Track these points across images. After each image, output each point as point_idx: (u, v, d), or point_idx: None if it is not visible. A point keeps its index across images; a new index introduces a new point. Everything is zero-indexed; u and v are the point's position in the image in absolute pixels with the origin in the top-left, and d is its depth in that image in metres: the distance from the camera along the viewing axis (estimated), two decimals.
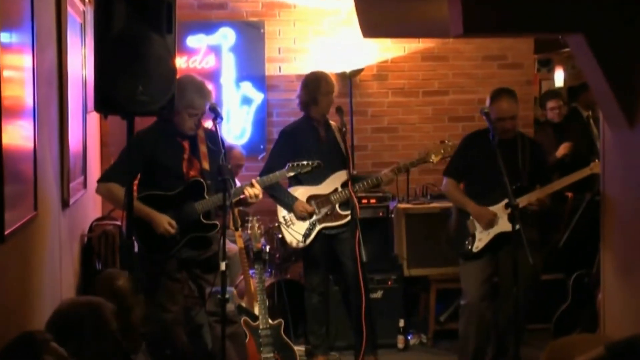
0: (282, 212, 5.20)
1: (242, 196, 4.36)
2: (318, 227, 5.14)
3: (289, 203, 5.13)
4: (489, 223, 4.69)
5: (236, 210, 4.25)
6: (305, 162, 4.68)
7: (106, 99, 3.49)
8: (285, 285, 5.51)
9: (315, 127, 5.18)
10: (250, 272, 5.12)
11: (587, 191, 5.73)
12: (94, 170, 5.89)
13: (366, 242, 4.77)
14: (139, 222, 4.15)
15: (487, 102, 4.81)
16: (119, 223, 5.31)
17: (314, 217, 5.10)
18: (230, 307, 4.30)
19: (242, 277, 5.19)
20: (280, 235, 5.50)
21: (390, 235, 5.81)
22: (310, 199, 5.16)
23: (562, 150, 6.42)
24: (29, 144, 3.54)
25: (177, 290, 4.32)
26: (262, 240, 5.34)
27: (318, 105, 5.14)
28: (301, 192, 5.18)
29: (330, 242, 5.14)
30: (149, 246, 4.27)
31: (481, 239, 4.72)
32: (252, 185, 4.36)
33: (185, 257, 4.31)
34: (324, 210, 5.09)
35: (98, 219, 5.63)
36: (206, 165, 4.29)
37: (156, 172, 4.27)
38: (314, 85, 5.14)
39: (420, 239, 5.69)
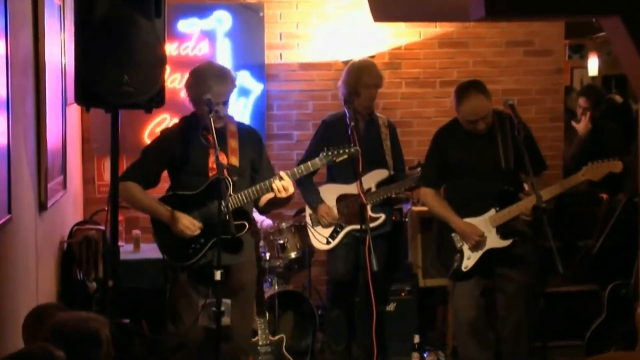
0: (309, 210, 5.30)
1: (271, 193, 4.29)
2: (346, 229, 5.21)
3: (313, 205, 5.23)
4: (477, 245, 4.63)
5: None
6: (341, 150, 4.45)
7: (88, 89, 3.49)
8: (287, 297, 5.51)
9: (355, 119, 5.14)
10: None
11: (624, 192, 5.72)
12: (74, 169, 5.90)
13: (377, 249, 4.75)
14: (160, 225, 4.23)
15: (454, 101, 4.70)
16: (102, 228, 5.32)
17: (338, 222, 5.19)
18: (226, 320, 4.28)
19: None
20: (281, 242, 5.50)
21: (404, 241, 5.80)
22: (340, 198, 5.22)
23: (583, 125, 6.36)
24: (2, 140, 3.54)
25: (197, 304, 4.25)
26: (261, 246, 5.33)
27: (360, 97, 5.19)
28: (331, 191, 5.24)
29: (359, 246, 5.13)
30: (170, 253, 4.30)
31: (470, 257, 4.67)
32: (280, 179, 4.26)
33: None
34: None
35: (79, 223, 5.63)
36: (235, 161, 4.29)
37: (183, 171, 4.32)
38: (356, 76, 5.19)
39: None
